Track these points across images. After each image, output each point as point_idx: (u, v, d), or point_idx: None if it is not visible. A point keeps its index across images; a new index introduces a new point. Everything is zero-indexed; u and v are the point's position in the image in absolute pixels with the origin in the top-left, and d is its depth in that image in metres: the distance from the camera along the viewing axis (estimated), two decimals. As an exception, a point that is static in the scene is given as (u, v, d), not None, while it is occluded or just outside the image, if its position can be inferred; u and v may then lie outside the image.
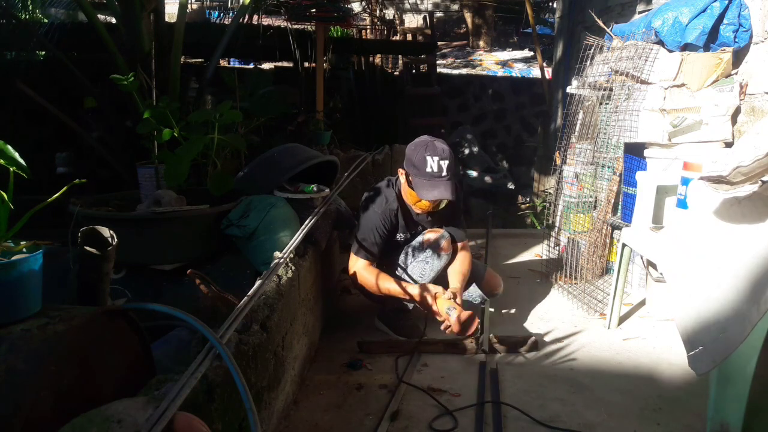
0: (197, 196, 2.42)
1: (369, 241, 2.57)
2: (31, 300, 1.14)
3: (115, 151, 3.30)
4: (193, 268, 1.86)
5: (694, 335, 1.57)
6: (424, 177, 2.48)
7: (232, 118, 2.65)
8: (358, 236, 2.60)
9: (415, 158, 2.50)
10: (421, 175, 2.48)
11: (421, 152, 2.49)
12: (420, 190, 2.49)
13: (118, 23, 3.10)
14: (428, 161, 2.47)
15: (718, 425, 1.62)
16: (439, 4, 13.15)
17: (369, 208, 2.63)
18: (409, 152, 2.56)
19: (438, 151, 2.48)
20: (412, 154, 2.53)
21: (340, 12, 4.85)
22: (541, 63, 7.07)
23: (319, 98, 4.82)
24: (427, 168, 2.47)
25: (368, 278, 2.56)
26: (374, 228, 2.57)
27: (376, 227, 2.57)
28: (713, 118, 3.01)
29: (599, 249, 3.37)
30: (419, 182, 2.49)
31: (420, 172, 2.48)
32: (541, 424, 1.97)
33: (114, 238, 1.39)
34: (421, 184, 2.49)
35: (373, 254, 2.59)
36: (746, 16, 2.97)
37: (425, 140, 2.56)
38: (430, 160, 2.47)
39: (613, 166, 3.34)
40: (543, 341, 2.63)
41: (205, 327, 1.36)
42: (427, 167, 2.47)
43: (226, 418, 1.37)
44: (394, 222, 2.64)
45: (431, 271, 2.63)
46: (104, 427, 1.01)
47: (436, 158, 2.47)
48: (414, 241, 2.69)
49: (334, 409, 2.07)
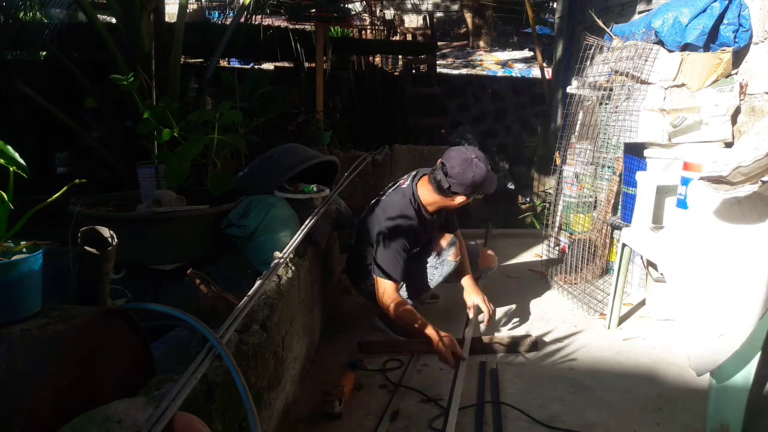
0: (197, 196, 2.42)
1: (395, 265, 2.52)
2: (31, 300, 1.14)
3: (115, 151, 3.30)
4: (193, 268, 1.86)
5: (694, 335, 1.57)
6: (489, 183, 2.52)
7: (232, 118, 2.65)
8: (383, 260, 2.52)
9: (464, 178, 2.47)
10: (485, 189, 2.54)
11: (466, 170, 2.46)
12: (480, 189, 2.53)
13: (118, 23, 3.10)
14: (475, 171, 2.46)
15: (718, 425, 1.62)
16: (439, 4, 13.15)
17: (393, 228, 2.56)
18: (454, 172, 2.48)
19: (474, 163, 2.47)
20: (461, 176, 2.47)
21: (340, 12, 4.84)
22: (541, 63, 7.07)
23: (319, 98, 4.81)
24: (478, 177, 2.47)
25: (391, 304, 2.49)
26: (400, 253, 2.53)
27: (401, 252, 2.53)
28: (713, 118, 3.01)
29: (599, 249, 3.37)
30: (485, 188, 2.53)
31: (476, 183, 2.48)
32: (541, 424, 1.97)
33: (114, 238, 1.39)
34: (485, 189, 2.54)
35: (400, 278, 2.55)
36: (746, 16, 2.97)
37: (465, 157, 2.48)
38: (476, 169, 2.47)
39: (613, 166, 3.34)
40: (543, 341, 2.63)
41: (205, 327, 1.36)
42: (477, 176, 2.47)
43: (226, 418, 1.37)
44: (414, 239, 2.61)
45: (440, 277, 2.68)
46: (104, 427, 1.01)
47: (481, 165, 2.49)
48: (423, 250, 2.71)
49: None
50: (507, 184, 7.83)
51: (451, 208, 2.67)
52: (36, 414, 1.01)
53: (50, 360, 1.05)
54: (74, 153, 4.07)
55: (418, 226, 2.61)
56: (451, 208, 2.67)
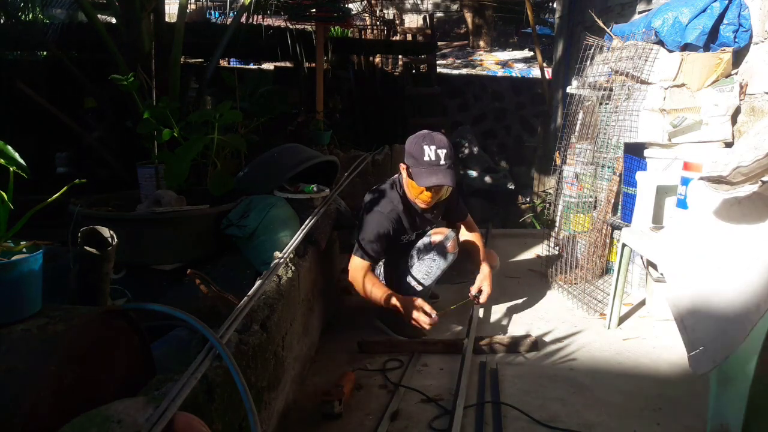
0: (197, 196, 2.42)
1: (370, 244, 2.56)
2: (31, 300, 1.14)
3: (115, 151, 3.30)
4: (193, 268, 1.86)
5: (694, 335, 1.57)
6: (422, 166, 2.50)
7: (232, 118, 2.65)
8: (360, 238, 2.59)
9: (414, 149, 2.53)
10: (419, 165, 2.51)
11: (418, 143, 2.52)
12: (419, 179, 2.51)
13: (118, 23, 3.10)
14: (425, 150, 2.49)
15: (718, 425, 1.62)
16: (439, 4, 13.15)
17: (373, 210, 2.62)
18: (407, 145, 2.58)
19: (435, 141, 2.52)
20: (411, 146, 2.55)
21: (340, 12, 4.84)
22: (541, 63, 7.06)
23: (319, 98, 4.81)
24: (425, 157, 2.49)
25: (358, 279, 2.56)
26: (377, 232, 2.56)
27: (378, 232, 2.56)
28: (713, 118, 3.01)
29: (599, 249, 3.37)
30: (418, 171, 2.51)
31: (418, 161, 2.50)
32: (541, 424, 1.97)
33: (114, 238, 1.39)
34: (419, 173, 2.51)
35: (372, 257, 2.58)
36: (746, 16, 2.97)
37: (423, 132, 2.59)
38: (428, 149, 2.49)
39: (613, 166, 3.34)
40: (543, 341, 2.63)
41: (205, 327, 1.36)
42: (425, 156, 2.49)
43: (226, 418, 1.37)
44: (398, 225, 2.63)
45: (437, 270, 2.66)
46: (104, 427, 1.01)
47: (433, 147, 2.50)
48: (419, 242, 2.70)
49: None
50: (507, 184, 7.83)
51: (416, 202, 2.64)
52: (36, 414, 1.01)
53: (50, 360, 1.05)
54: (74, 153, 4.07)
55: (401, 208, 2.63)
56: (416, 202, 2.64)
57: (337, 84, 6.43)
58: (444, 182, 2.50)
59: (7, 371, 1.02)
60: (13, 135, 1.68)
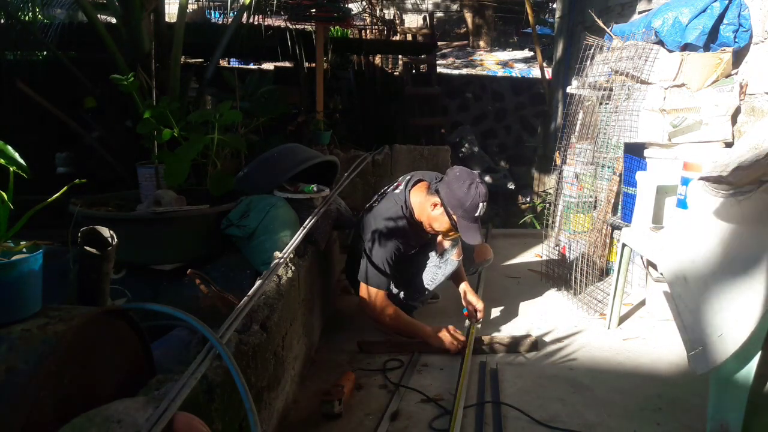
0: (197, 196, 2.42)
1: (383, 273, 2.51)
2: (31, 300, 1.14)
3: (115, 151, 3.30)
4: (193, 268, 1.86)
5: (693, 335, 1.57)
6: (470, 221, 2.46)
7: (232, 118, 2.65)
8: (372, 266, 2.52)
9: (468, 202, 2.43)
10: (468, 219, 2.45)
11: (473, 196, 2.43)
12: (466, 234, 2.47)
13: (118, 23, 3.09)
14: (480, 207, 2.44)
15: (718, 425, 1.62)
16: (439, 4, 13.15)
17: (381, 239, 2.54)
18: (459, 192, 2.44)
19: (485, 196, 2.46)
20: (464, 197, 2.43)
21: (340, 12, 4.84)
22: (541, 63, 7.07)
23: (319, 98, 4.81)
24: (476, 212, 2.44)
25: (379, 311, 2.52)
26: (387, 259, 2.51)
27: (389, 258, 2.52)
28: (713, 118, 3.01)
29: (599, 249, 3.37)
30: (465, 225, 2.46)
31: (469, 216, 2.44)
32: (541, 424, 1.97)
33: (114, 238, 1.39)
34: (467, 227, 2.46)
35: (387, 284, 2.55)
36: (746, 16, 2.97)
37: (473, 180, 2.47)
38: (481, 206, 2.44)
39: (613, 166, 3.34)
40: (543, 341, 2.63)
41: (205, 327, 1.36)
42: (477, 212, 2.44)
43: (226, 418, 1.37)
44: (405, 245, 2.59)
45: (442, 276, 2.69)
46: (104, 427, 1.01)
47: (485, 204, 2.46)
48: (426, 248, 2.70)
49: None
50: (507, 184, 7.84)
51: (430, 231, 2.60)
52: (36, 414, 1.01)
53: (50, 360, 1.04)
54: (74, 153, 4.07)
55: (409, 231, 2.57)
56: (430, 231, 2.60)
57: (337, 84, 6.43)
58: (480, 241, 2.50)
59: (7, 371, 1.02)
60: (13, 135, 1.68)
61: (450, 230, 2.54)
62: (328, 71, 5.22)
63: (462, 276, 2.87)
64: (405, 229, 2.55)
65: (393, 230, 2.53)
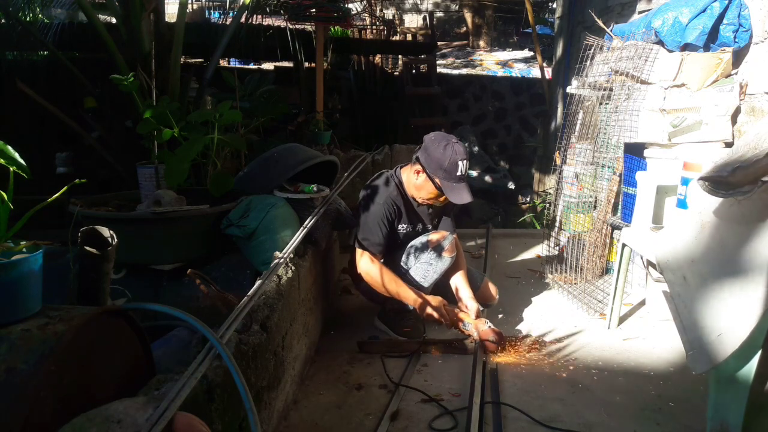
0: (197, 196, 2.42)
1: (375, 234, 2.57)
2: (31, 300, 1.14)
3: (115, 151, 3.30)
4: (193, 268, 1.86)
5: (693, 335, 1.57)
6: (453, 180, 2.49)
7: (232, 118, 2.65)
8: (362, 232, 2.59)
9: (446, 162, 2.47)
10: (451, 179, 2.49)
11: (450, 155, 2.47)
12: (451, 194, 2.51)
13: (118, 23, 3.09)
14: (459, 166, 2.47)
15: (718, 425, 1.62)
16: (439, 4, 13.16)
17: (372, 200, 2.62)
18: (433, 150, 2.50)
19: (462, 153, 2.50)
20: (440, 156, 2.48)
21: (340, 12, 4.84)
22: (541, 63, 7.06)
23: (319, 98, 4.82)
24: (458, 172, 2.48)
25: (375, 275, 2.55)
26: (379, 220, 2.57)
27: (380, 219, 2.57)
28: (713, 118, 3.01)
29: (599, 249, 3.37)
30: (449, 185, 2.50)
31: (451, 176, 2.48)
32: (541, 424, 1.97)
33: (114, 238, 1.39)
34: (451, 188, 2.50)
35: (379, 248, 2.59)
36: (746, 16, 2.97)
37: (448, 140, 2.53)
38: (461, 165, 2.48)
39: (613, 166, 3.34)
40: (543, 341, 2.63)
41: (205, 327, 1.36)
42: (457, 171, 2.48)
43: (226, 418, 1.37)
44: (397, 210, 2.64)
45: (434, 273, 2.65)
46: (104, 427, 1.01)
47: (464, 162, 2.49)
48: (417, 242, 2.68)
49: (334, 409, 2.07)
50: (507, 184, 7.84)
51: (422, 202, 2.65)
52: (36, 414, 1.01)
53: (50, 360, 1.05)
54: (74, 153, 4.07)
55: (400, 200, 2.64)
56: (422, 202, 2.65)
57: (337, 84, 6.43)
58: (470, 200, 2.53)
59: (7, 371, 1.02)
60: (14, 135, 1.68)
61: (438, 195, 2.57)
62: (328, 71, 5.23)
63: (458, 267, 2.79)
64: (395, 195, 2.63)
65: (384, 194, 2.62)
